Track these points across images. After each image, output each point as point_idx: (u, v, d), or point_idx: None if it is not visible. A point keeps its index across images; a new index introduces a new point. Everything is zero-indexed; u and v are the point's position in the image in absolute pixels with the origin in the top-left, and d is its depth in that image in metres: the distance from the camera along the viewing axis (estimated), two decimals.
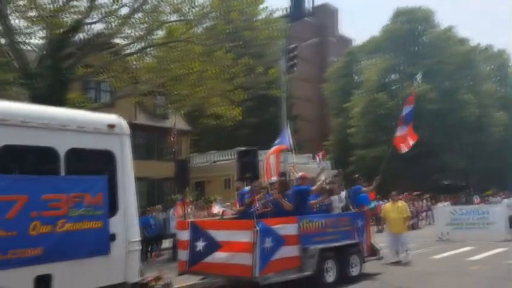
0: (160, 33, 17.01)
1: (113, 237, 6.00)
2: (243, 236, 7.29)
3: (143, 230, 11.93)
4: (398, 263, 11.01)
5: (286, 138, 10.66)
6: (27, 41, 18.15)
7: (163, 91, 21.54)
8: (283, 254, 7.54)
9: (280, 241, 7.50)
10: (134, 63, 19.66)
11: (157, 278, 7.58)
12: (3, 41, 16.69)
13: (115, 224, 6.01)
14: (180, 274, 8.27)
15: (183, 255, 8.19)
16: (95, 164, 6.36)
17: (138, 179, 6.72)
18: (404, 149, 11.02)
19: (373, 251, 9.78)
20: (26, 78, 15.54)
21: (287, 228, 7.72)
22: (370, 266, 9.76)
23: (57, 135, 5.84)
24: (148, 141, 27.70)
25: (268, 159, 10.77)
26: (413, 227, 21.97)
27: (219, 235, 7.67)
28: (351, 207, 9.92)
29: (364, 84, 44.29)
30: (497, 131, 42.63)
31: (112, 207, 6.05)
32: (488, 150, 41.15)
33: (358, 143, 42.62)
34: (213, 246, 7.62)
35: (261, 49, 21.97)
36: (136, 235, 6.26)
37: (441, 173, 39.83)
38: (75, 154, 5.96)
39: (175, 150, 24.84)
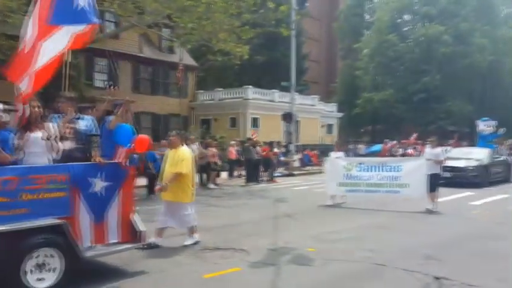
0: None
1: None
2: None
3: (150, 165, 12.12)
4: (156, 247, 6.57)
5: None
6: None
7: (169, 23, 21.03)
8: None
9: None
10: None
11: None
12: None
13: None
14: None
15: None
16: None
17: (143, 114, 6.26)
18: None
19: (132, 234, 5.54)
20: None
21: None
22: (127, 257, 5.88)
23: None
24: (153, 76, 27.41)
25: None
26: None
27: None
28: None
29: (376, 24, 42.85)
30: (509, 79, 41.67)
31: None
32: (498, 98, 40.48)
33: (366, 86, 42.07)
34: None
35: None
36: None
37: (447, 119, 39.46)
38: None
39: (180, 85, 24.70)
